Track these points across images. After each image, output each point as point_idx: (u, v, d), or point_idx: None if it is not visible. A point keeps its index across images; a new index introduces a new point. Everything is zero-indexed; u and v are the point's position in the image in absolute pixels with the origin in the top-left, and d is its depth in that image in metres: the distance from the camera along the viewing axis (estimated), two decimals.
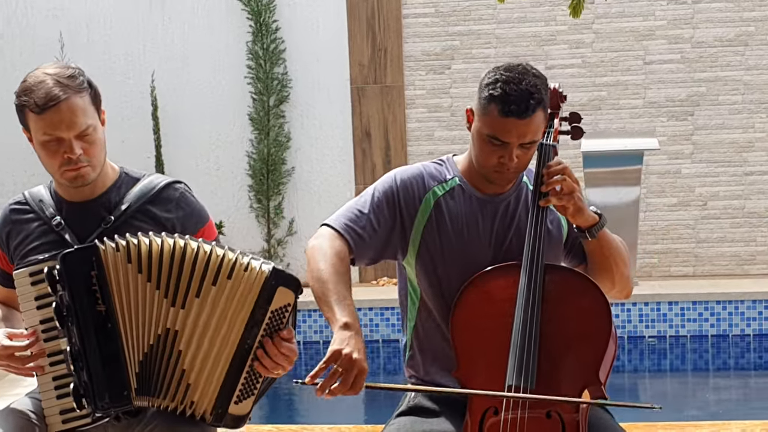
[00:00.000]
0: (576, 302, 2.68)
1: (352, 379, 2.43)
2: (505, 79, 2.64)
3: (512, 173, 2.72)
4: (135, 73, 8.25)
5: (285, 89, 8.11)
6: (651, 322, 7.12)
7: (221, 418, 2.73)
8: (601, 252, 2.77)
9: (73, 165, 2.76)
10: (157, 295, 2.70)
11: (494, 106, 2.62)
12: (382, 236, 2.77)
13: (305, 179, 8.24)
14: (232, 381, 2.70)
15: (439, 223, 2.77)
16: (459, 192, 2.80)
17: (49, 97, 2.71)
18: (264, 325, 2.68)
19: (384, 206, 2.77)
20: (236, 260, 2.68)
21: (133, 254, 2.70)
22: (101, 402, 2.69)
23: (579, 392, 2.57)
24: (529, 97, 2.61)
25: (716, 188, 8.00)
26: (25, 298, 2.77)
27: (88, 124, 2.75)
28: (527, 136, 2.65)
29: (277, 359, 2.69)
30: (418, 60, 8.16)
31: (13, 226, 2.92)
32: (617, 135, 7.84)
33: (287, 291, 2.69)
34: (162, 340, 2.71)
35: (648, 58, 7.98)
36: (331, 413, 6.18)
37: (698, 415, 6.00)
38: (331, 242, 2.69)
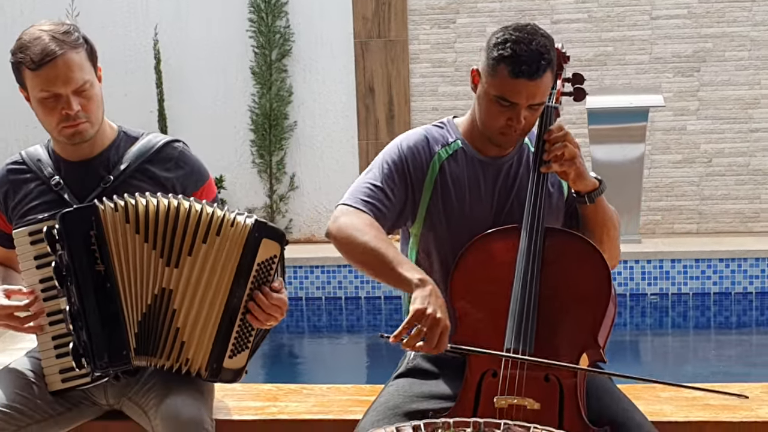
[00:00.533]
0: (576, 266, 2.66)
1: (436, 338, 2.41)
2: (515, 39, 2.60)
3: (518, 135, 2.69)
4: (138, 26, 8.19)
5: (287, 43, 8.05)
6: (653, 279, 7.11)
7: (217, 373, 2.74)
8: (596, 218, 2.76)
9: (71, 121, 2.74)
10: (153, 255, 2.70)
11: (504, 67, 2.59)
12: (397, 206, 2.75)
13: (308, 134, 8.20)
14: (225, 335, 2.72)
15: (443, 187, 2.75)
16: (461, 155, 2.78)
17: (45, 52, 2.69)
18: (252, 278, 2.70)
19: (395, 176, 2.74)
20: (224, 216, 2.70)
21: (131, 214, 2.69)
22: (100, 361, 2.70)
23: (577, 356, 2.56)
24: (539, 57, 2.58)
25: (721, 145, 7.96)
26: (25, 257, 2.77)
27: (85, 80, 2.74)
28: (536, 97, 2.62)
29: (268, 310, 2.72)
30: (423, 14, 8.08)
31: (11, 186, 2.91)
32: (622, 91, 7.79)
33: (272, 243, 2.72)
34: (158, 300, 2.72)
35: (654, 13, 7.91)
36: (331, 372, 6.23)
37: (699, 373, 6.03)
38: (359, 217, 2.66)
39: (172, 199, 2.71)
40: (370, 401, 2.88)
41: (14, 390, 2.79)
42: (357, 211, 2.68)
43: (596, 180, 2.73)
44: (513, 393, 2.51)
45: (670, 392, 3.12)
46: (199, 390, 2.80)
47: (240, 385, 3.31)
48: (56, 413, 2.84)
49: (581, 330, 2.59)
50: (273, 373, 6.23)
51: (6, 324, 2.74)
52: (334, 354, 6.90)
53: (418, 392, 2.68)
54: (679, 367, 6.30)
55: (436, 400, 2.65)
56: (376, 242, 2.58)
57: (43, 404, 2.81)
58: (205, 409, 2.75)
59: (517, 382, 2.52)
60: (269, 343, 6.89)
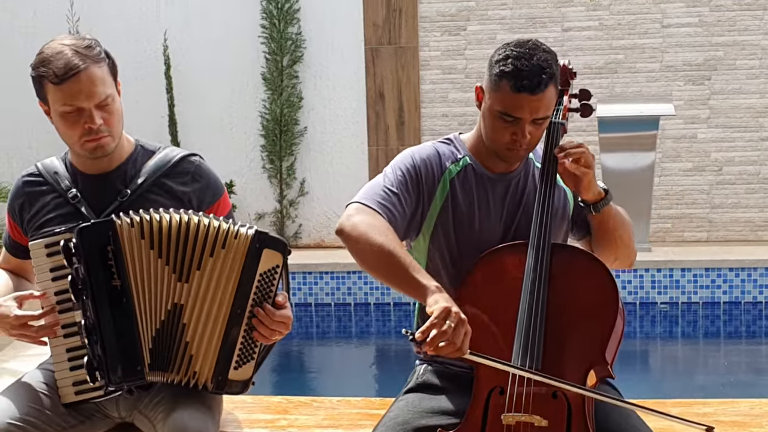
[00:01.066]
0: (583, 283, 2.67)
1: (461, 339, 2.37)
2: (516, 54, 2.62)
3: (524, 150, 2.70)
4: (148, 32, 8.21)
5: (299, 49, 8.06)
6: (663, 288, 7.11)
7: (222, 385, 2.75)
8: (605, 226, 2.77)
9: (93, 135, 2.76)
10: (166, 270, 2.71)
11: (506, 82, 2.61)
12: (408, 215, 2.73)
13: (318, 140, 8.21)
14: (229, 348, 2.73)
15: (454, 203, 2.76)
16: (470, 171, 2.79)
17: (69, 66, 2.70)
18: (254, 289, 2.71)
19: (408, 185, 2.74)
20: (228, 229, 2.71)
21: (146, 230, 2.71)
22: (114, 376, 2.71)
23: (585, 372, 2.56)
24: (540, 71, 2.60)
25: (732, 153, 7.94)
26: (41, 269, 2.78)
27: (107, 94, 2.75)
28: (540, 111, 2.63)
29: (272, 326, 2.72)
30: (433, 21, 8.09)
31: (27, 197, 2.92)
32: (633, 99, 7.79)
33: (274, 253, 2.72)
34: (171, 316, 2.73)
35: (666, 21, 7.90)
36: (339, 379, 6.23)
37: (708, 383, 6.02)
38: (375, 218, 2.62)
39: (183, 215, 2.72)
40: (379, 415, 2.88)
41: (27, 403, 2.80)
42: (372, 212, 2.64)
43: (603, 190, 2.74)
44: (520, 410, 2.52)
45: (680, 408, 3.12)
46: (206, 404, 2.81)
47: (250, 398, 3.32)
48: (69, 426, 2.85)
49: (589, 346, 2.59)
50: (281, 380, 6.24)
51: (21, 334, 2.75)
52: (343, 361, 6.91)
53: (428, 408, 2.68)
54: (688, 376, 6.29)
55: (445, 416, 2.65)
56: (392, 245, 2.54)
57: (56, 417, 2.81)
58: (212, 423, 2.76)
59: (525, 400, 2.52)
60: (278, 349, 6.86)
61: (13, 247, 2.99)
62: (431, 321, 2.38)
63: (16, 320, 2.72)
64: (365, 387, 5.99)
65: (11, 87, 8.29)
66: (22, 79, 8.51)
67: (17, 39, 8.26)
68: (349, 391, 4.95)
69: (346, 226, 2.63)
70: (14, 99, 8.27)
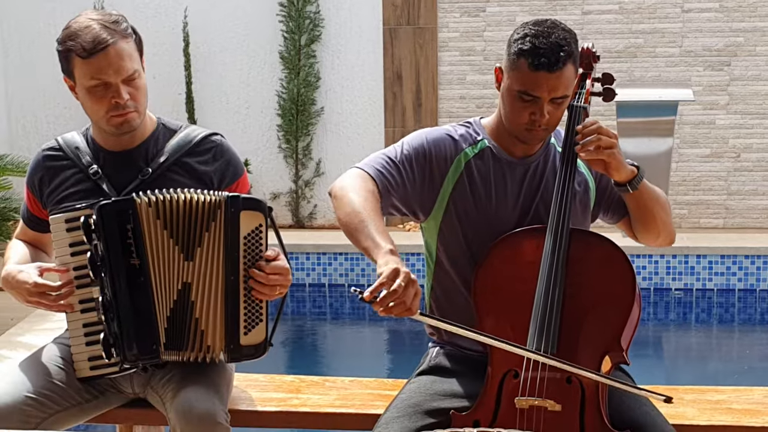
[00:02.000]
0: (600, 268, 2.66)
1: (410, 299, 2.37)
2: (534, 33, 2.61)
3: (543, 131, 2.69)
4: (167, 8, 8.20)
5: (317, 28, 8.04)
6: (678, 274, 7.09)
7: (236, 352, 2.77)
8: (643, 204, 2.75)
9: (120, 110, 2.76)
10: (176, 250, 2.73)
11: (524, 61, 2.60)
12: (408, 189, 2.74)
13: (334, 120, 8.20)
14: (233, 315, 2.74)
15: (469, 185, 2.75)
16: (488, 154, 2.78)
17: (98, 41, 2.70)
18: (242, 253, 2.72)
19: (413, 161, 2.74)
20: (212, 201, 2.72)
21: (161, 209, 2.72)
22: (130, 353, 2.73)
23: (600, 358, 2.57)
24: (558, 49, 2.58)
25: (750, 140, 7.90)
26: (60, 243, 2.79)
27: (134, 69, 2.76)
28: (558, 90, 2.62)
29: (270, 283, 2.73)
30: (453, 2, 8.05)
31: (46, 171, 2.93)
32: (652, 85, 7.75)
33: (253, 213, 2.73)
34: (182, 295, 2.74)
35: (686, 6, 7.85)
36: (351, 359, 6.24)
37: (721, 370, 6.00)
38: (363, 181, 2.66)
39: (188, 193, 2.73)
40: (391, 396, 2.89)
41: (44, 376, 2.82)
42: (365, 176, 2.68)
43: (634, 167, 2.72)
44: (534, 394, 2.52)
45: (693, 395, 3.12)
46: (215, 383, 2.81)
47: (263, 376, 3.33)
48: (84, 400, 2.87)
49: (604, 332, 2.59)
50: (293, 359, 6.26)
51: (38, 302, 2.76)
52: (355, 341, 6.91)
53: (440, 390, 2.69)
54: (700, 363, 6.28)
55: (457, 398, 2.66)
56: (364, 207, 2.57)
57: (72, 391, 2.83)
58: (220, 402, 2.76)
59: (539, 384, 2.52)
60: (291, 328, 6.93)
61: (31, 220, 3.01)
62: (379, 281, 2.36)
63: (35, 287, 2.73)
64: (377, 367, 5.99)
65: (29, 62, 8.33)
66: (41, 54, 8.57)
67: (39, 14, 8.27)
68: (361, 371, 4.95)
69: (335, 185, 2.69)
70: (31, 73, 8.32)
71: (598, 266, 2.66)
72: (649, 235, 2.84)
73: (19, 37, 8.32)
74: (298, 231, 8.03)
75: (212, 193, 2.74)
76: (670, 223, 2.85)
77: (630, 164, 2.72)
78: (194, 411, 2.67)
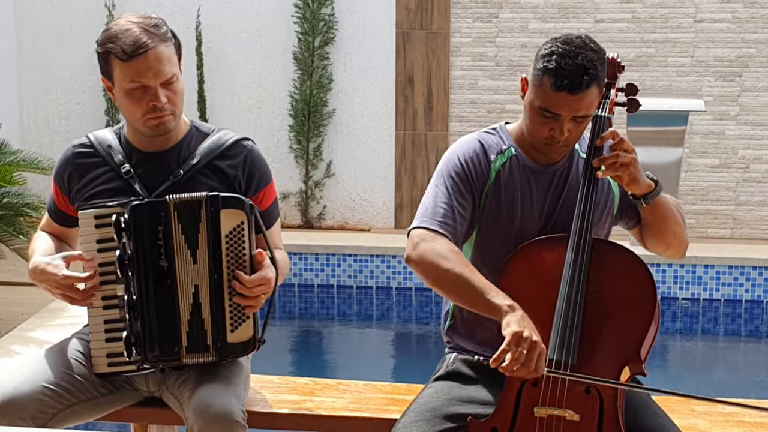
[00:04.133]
0: (622, 279, 2.67)
1: (534, 361, 2.44)
2: (561, 52, 2.61)
3: (562, 147, 2.71)
4: (181, 7, 8.22)
5: (331, 31, 8.06)
6: (685, 284, 7.10)
7: (224, 350, 2.79)
8: (656, 217, 2.77)
9: (157, 113, 2.79)
10: (189, 254, 2.76)
11: (547, 79, 2.61)
12: (468, 218, 2.78)
13: (346, 122, 8.22)
14: (219, 314, 2.76)
15: (499, 195, 2.77)
16: (515, 162, 2.80)
17: (138, 44, 2.73)
18: (224, 252, 2.74)
19: (462, 190, 2.76)
20: (197, 201, 2.74)
21: (181, 214, 2.74)
22: (152, 354, 2.76)
23: (619, 369, 2.58)
24: (584, 72, 2.59)
25: (760, 151, 7.91)
26: (88, 239, 2.82)
27: (173, 73, 2.79)
28: (580, 111, 2.63)
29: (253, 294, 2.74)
30: (466, 7, 8.07)
31: (76, 168, 2.95)
32: (663, 94, 7.76)
33: (233, 211, 2.75)
34: (195, 298, 2.77)
35: (699, 17, 7.86)
36: (360, 362, 6.26)
37: (727, 381, 6.01)
38: (439, 242, 2.67)
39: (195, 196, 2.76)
40: (405, 400, 2.91)
41: (62, 369, 2.85)
42: (435, 235, 2.69)
43: (651, 181, 2.73)
44: (554, 404, 2.54)
45: (705, 407, 3.14)
46: (232, 382, 2.84)
47: (277, 378, 3.36)
48: (100, 395, 2.90)
49: (625, 343, 2.61)
50: (301, 360, 6.27)
51: (65, 294, 2.79)
52: (362, 343, 6.94)
53: (457, 396, 2.70)
54: (706, 374, 6.29)
55: (475, 404, 2.68)
56: (460, 269, 2.60)
57: (89, 385, 2.86)
58: (237, 401, 2.78)
59: (558, 393, 2.54)
60: (298, 330, 6.95)
61: (56, 214, 3.04)
62: (503, 347, 2.43)
63: (64, 280, 2.76)
64: (385, 370, 6.02)
65: (43, 58, 8.35)
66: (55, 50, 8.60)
67: (51, 11, 8.29)
68: (369, 373, 4.97)
69: (413, 256, 2.69)
70: (44, 69, 8.34)
71: (619, 276, 2.68)
72: (659, 246, 2.85)
73: (33, 33, 8.34)
74: (307, 231, 8.04)
75: (193, 195, 2.76)
76: (683, 236, 2.86)
77: (650, 178, 2.73)
78: (211, 410, 2.69)
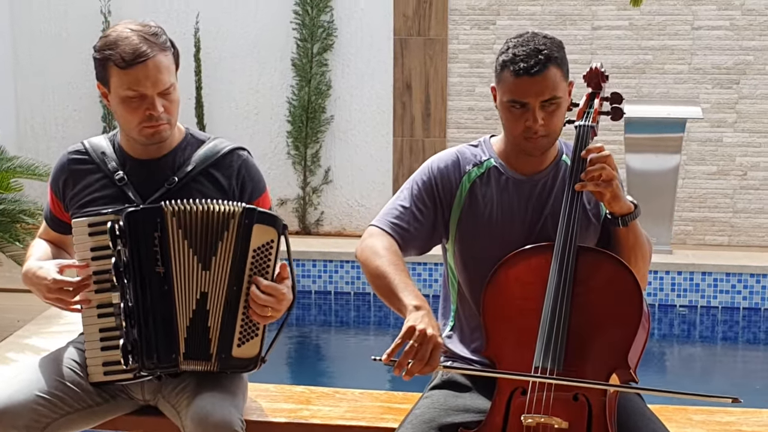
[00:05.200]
0: (608, 286, 2.68)
1: (428, 354, 2.44)
2: (514, 44, 2.70)
3: (543, 138, 2.71)
4: (179, 13, 8.23)
5: (330, 37, 8.06)
6: (683, 291, 7.10)
7: (226, 362, 2.77)
8: (627, 241, 2.77)
9: (153, 122, 2.78)
10: (195, 260, 2.75)
11: (507, 71, 2.67)
12: (427, 226, 2.82)
13: (343, 128, 8.22)
14: (230, 326, 2.75)
15: (472, 206, 2.79)
16: (494, 173, 2.81)
17: (138, 53, 2.72)
18: (249, 265, 2.73)
19: (424, 197, 2.82)
20: (228, 211, 2.74)
21: (183, 220, 2.74)
22: (149, 361, 2.75)
23: (606, 376, 2.57)
24: (537, 53, 2.65)
25: (757, 158, 7.92)
26: (81, 247, 2.81)
27: (171, 83, 2.78)
28: (545, 93, 2.66)
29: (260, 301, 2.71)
30: (463, 14, 8.08)
31: (71, 174, 2.95)
32: (660, 101, 7.77)
33: (266, 228, 2.74)
34: (200, 305, 2.75)
35: (696, 24, 7.87)
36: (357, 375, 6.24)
37: (725, 389, 6.00)
38: (380, 240, 2.75)
39: (205, 204, 2.75)
40: (401, 408, 2.90)
41: (56, 377, 2.84)
42: (382, 233, 2.78)
43: (632, 204, 2.74)
44: (540, 411, 2.53)
45: (702, 416, 3.13)
46: (231, 391, 2.83)
47: (273, 386, 3.35)
48: (95, 404, 2.89)
49: (611, 350, 2.60)
50: (298, 367, 6.26)
51: (56, 298, 2.78)
52: (359, 350, 6.92)
53: (453, 405, 2.70)
54: (704, 382, 6.28)
55: (470, 413, 2.67)
56: (386, 266, 2.66)
57: (84, 394, 2.85)
58: (236, 411, 2.77)
59: (545, 401, 2.54)
60: (295, 336, 6.94)
61: (53, 221, 3.03)
62: (395, 342, 2.45)
63: (54, 284, 2.75)
64: (381, 377, 5.99)
65: (39, 64, 8.35)
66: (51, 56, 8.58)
67: (48, 17, 8.30)
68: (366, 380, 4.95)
69: (357, 250, 2.81)
70: (41, 76, 8.34)
71: (605, 284, 2.68)
72: None
73: (29, 39, 8.34)
74: (304, 238, 8.04)
75: (228, 203, 2.76)
76: (645, 272, 2.84)
77: (630, 201, 2.73)
78: (210, 419, 2.68)
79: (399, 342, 2.44)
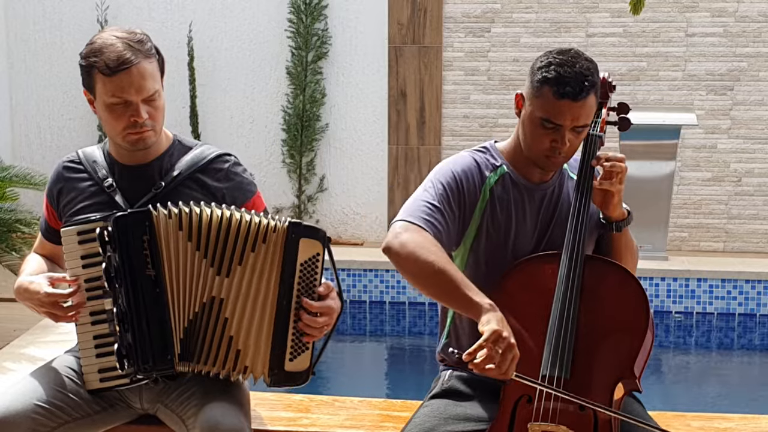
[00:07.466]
0: (615, 295, 2.69)
1: (507, 364, 2.42)
2: (558, 62, 2.65)
3: (562, 158, 2.73)
4: (173, 22, 8.23)
5: (324, 46, 8.07)
6: (678, 297, 7.10)
7: (280, 377, 2.77)
8: (618, 246, 2.81)
9: (138, 128, 2.80)
10: (204, 264, 2.74)
11: (548, 89, 2.63)
12: (451, 229, 2.75)
13: (338, 137, 8.22)
14: (281, 341, 2.75)
15: (494, 213, 2.78)
16: (508, 180, 2.81)
17: (122, 60, 2.74)
18: (297, 279, 2.73)
19: (450, 198, 2.75)
20: (267, 224, 2.74)
21: (185, 222, 2.74)
22: (145, 364, 2.74)
23: (613, 384, 2.59)
24: (583, 79, 2.63)
25: (752, 165, 7.93)
26: (71, 255, 2.81)
27: (155, 89, 2.80)
28: (580, 119, 2.65)
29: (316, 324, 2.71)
30: (458, 21, 8.09)
31: (65, 183, 2.97)
32: (655, 108, 7.78)
33: (312, 241, 2.74)
34: (207, 308, 2.75)
35: (690, 31, 7.89)
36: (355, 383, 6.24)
37: (721, 395, 6.01)
38: (422, 235, 2.62)
39: (225, 210, 2.76)
40: (401, 417, 2.91)
41: (53, 386, 2.84)
42: (418, 229, 2.65)
43: (626, 211, 2.77)
44: (547, 420, 2.53)
45: (701, 422, 3.14)
46: (239, 400, 2.83)
47: (272, 395, 3.35)
48: (93, 412, 2.88)
49: (618, 359, 2.61)
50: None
51: (49, 311, 2.79)
52: (355, 358, 6.92)
53: (453, 414, 2.70)
54: (699, 388, 6.29)
55: (471, 422, 2.67)
56: (443, 263, 2.56)
57: (82, 403, 2.85)
58: (245, 419, 2.78)
59: (552, 410, 2.54)
60: None
61: (48, 232, 3.04)
62: (480, 342, 2.40)
63: (47, 297, 2.76)
64: (379, 385, 6.00)
65: (34, 73, 8.34)
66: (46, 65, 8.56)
67: (43, 26, 8.29)
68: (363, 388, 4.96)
69: (394, 244, 2.63)
70: (36, 84, 8.34)
71: (612, 292, 2.69)
72: None
73: (24, 48, 8.34)
74: None
75: (268, 217, 2.77)
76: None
77: (625, 208, 2.77)
78: (220, 427, 2.68)
79: (483, 344, 2.40)
